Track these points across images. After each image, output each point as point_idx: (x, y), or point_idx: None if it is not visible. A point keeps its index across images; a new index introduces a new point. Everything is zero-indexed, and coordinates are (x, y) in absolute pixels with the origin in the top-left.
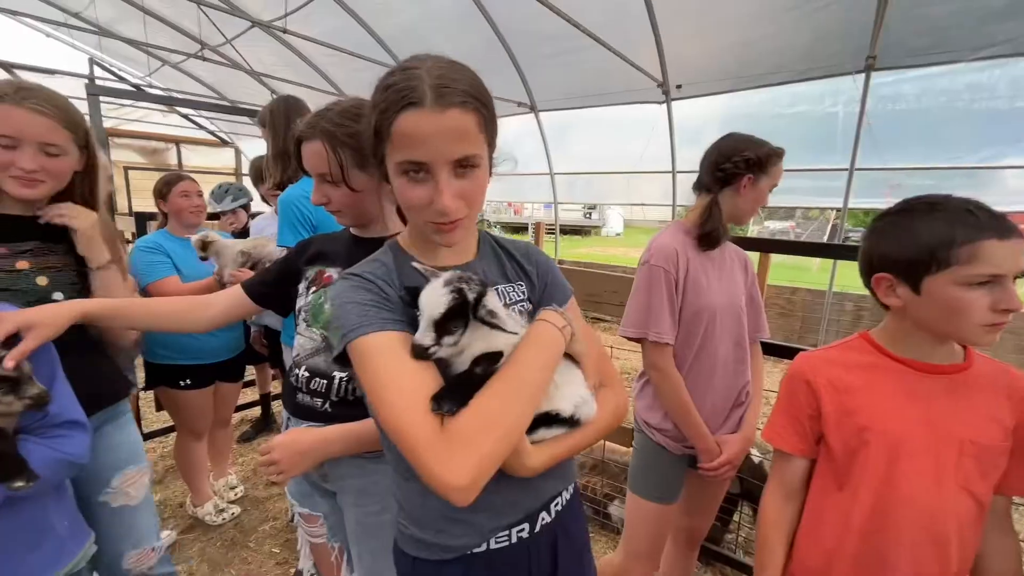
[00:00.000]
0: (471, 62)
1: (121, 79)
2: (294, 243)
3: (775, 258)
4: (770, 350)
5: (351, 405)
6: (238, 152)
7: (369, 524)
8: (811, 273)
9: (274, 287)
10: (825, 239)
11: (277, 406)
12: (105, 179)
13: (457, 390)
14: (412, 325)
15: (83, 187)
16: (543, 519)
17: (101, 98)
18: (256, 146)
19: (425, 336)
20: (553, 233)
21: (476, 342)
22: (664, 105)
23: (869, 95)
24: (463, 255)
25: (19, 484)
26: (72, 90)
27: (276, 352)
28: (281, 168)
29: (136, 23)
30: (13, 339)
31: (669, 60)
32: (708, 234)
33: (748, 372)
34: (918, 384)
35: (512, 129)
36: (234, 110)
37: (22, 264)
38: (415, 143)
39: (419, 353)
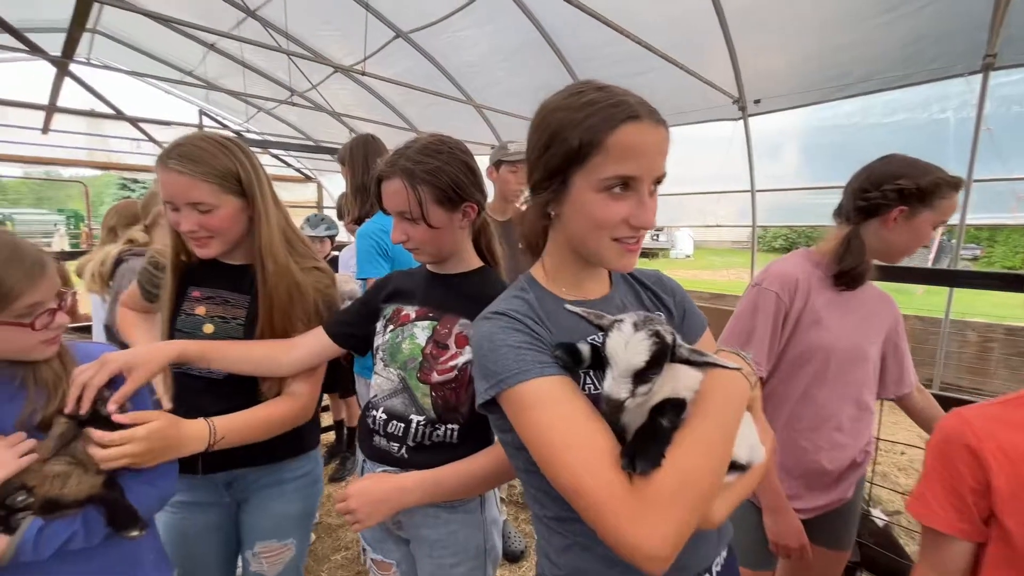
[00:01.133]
0: (539, 92)
1: (224, 126)
2: (373, 275)
3: None
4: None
5: (428, 451)
6: (320, 187)
7: None
8: (915, 298)
9: (355, 327)
10: (931, 259)
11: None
12: (278, 225)
13: (647, 445)
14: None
15: (257, 232)
16: None
17: None
18: (337, 181)
19: (621, 388)
20: None
21: (661, 388)
22: (740, 122)
23: (987, 97)
24: (601, 286)
25: (134, 533)
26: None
27: (341, 378)
28: (359, 203)
29: (237, 76)
30: (116, 380)
31: (745, 75)
32: (847, 272)
33: (869, 431)
34: None
35: None
36: (317, 149)
37: (200, 310)
38: (634, 156)
39: (614, 408)
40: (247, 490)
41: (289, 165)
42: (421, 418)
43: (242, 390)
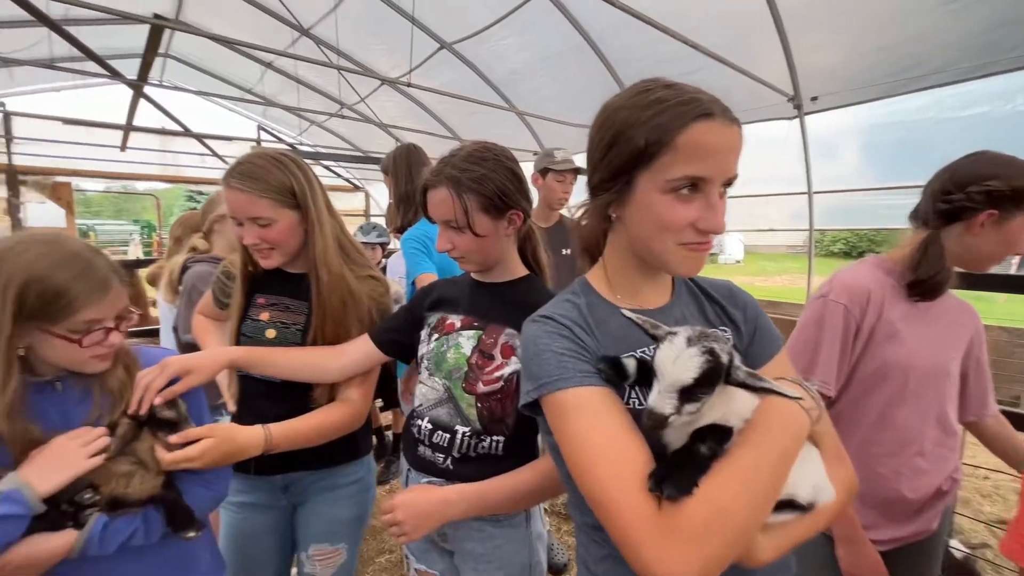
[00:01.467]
0: (582, 96)
1: (280, 139)
2: (425, 270)
3: None
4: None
5: (474, 462)
6: (367, 196)
7: None
8: (996, 306)
9: (400, 333)
10: (1015, 264)
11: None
12: (332, 234)
13: (680, 471)
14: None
15: (311, 242)
16: None
17: None
18: (383, 190)
19: (665, 403)
20: None
21: (711, 410)
22: (795, 121)
23: None
24: (661, 296)
25: (191, 535)
26: (247, 149)
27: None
28: (403, 213)
29: (292, 92)
30: (174, 383)
31: (801, 72)
32: (924, 281)
33: (955, 456)
34: None
35: None
36: (365, 159)
37: (264, 315)
38: (706, 155)
39: (656, 423)
40: (303, 493)
41: (339, 175)
42: (466, 429)
43: (297, 394)
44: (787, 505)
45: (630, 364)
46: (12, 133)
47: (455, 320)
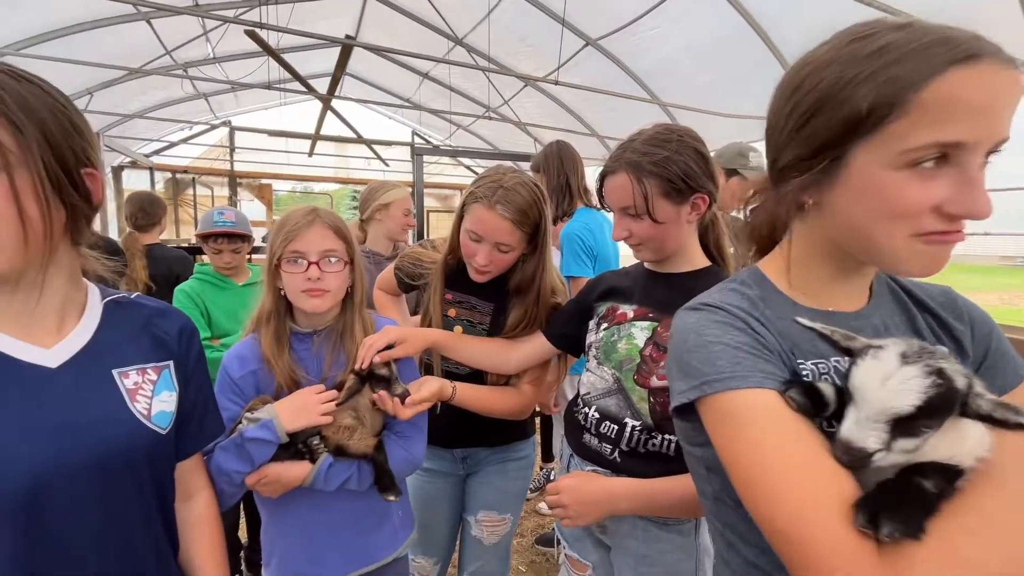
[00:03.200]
0: (740, 86)
1: (429, 142)
2: (577, 272)
3: None
4: None
5: (643, 459)
6: None
7: None
8: None
9: (569, 327)
10: None
11: None
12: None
13: (903, 506)
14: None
15: (524, 269)
16: None
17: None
18: None
19: (868, 436)
20: None
21: (934, 450)
22: None
23: None
24: (856, 299)
25: (392, 498)
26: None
27: None
28: (555, 204)
29: (443, 99)
30: (388, 348)
31: None
32: None
33: None
34: None
35: None
36: (501, 155)
37: (451, 312)
38: (968, 113)
39: (856, 460)
40: (478, 465)
41: (476, 173)
42: (637, 423)
43: (476, 383)
44: None
45: (828, 392)
46: (235, 144)
47: (627, 310)
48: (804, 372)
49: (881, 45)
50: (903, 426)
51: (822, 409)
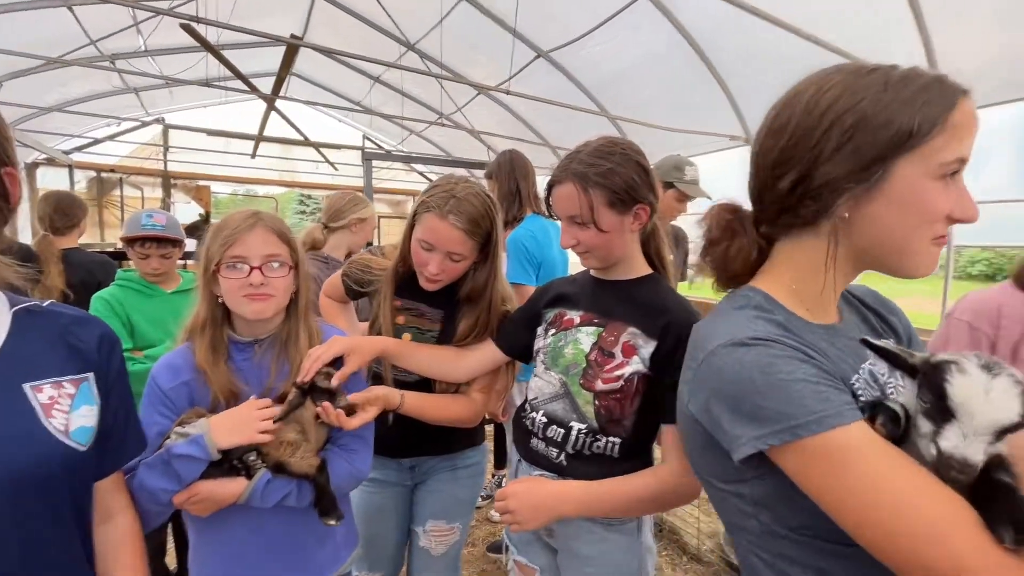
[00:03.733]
0: (680, 100)
1: (380, 147)
2: (522, 279)
3: None
4: None
5: (588, 461)
6: None
7: None
8: None
9: (519, 334)
10: None
11: None
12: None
13: None
14: None
15: (476, 277)
16: None
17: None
18: None
19: (974, 448)
20: None
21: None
22: None
23: None
24: (835, 309)
25: (332, 522)
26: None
27: None
28: (505, 210)
29: (396, 103)
30: (338, 361)
31: (944, 66)
32: None
33: None
34: None
35: (717, 165)
36: (455, 163)
37: (400, 319)
38: (970, 134)
39: (970, 476)
40: (426, 474)
41: (430, 180)
42: (582, 426)
43: (425, 391)
44: None
45: (900, 412)
46: (169, 143)
47: (574, 316)
48: (860, 394)
49: (903, 75)
50: (1003, 434)
51: (899, 430)
